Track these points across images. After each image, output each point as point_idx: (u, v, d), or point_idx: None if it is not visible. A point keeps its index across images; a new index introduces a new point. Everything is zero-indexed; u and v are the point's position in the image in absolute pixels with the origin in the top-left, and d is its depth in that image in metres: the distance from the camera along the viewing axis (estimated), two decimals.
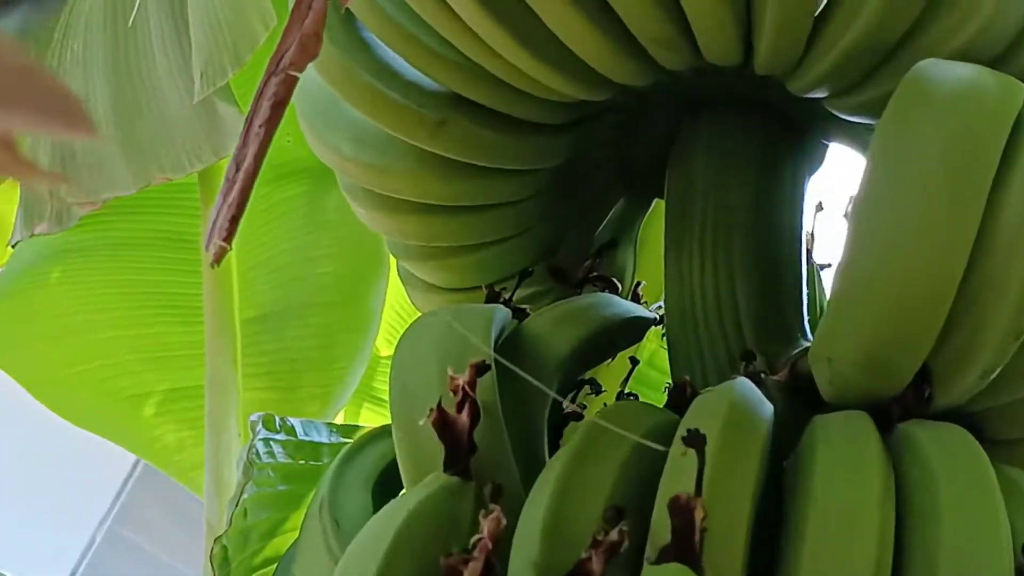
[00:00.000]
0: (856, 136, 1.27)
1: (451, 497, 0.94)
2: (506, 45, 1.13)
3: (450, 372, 1.00)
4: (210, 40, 2.46)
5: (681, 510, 0.80)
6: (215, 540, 1.37)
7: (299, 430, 1.41)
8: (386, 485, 1.20)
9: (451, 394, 0.99)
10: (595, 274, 1.37)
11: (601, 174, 1.40)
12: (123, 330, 3.22)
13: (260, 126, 0.90)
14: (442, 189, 1.30)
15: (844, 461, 0.91)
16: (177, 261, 3.19)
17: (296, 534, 1.37)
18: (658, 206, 1.46)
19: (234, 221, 0.89)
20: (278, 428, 1.38)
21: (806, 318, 1.23)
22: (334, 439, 1.44)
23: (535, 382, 1.01)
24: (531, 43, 1.12)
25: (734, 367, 1.17)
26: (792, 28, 1.06)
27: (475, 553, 0.84)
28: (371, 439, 1.24)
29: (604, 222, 1.46)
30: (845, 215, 1.02)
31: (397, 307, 3.39)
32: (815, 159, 1.33)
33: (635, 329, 1.30)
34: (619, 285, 1.38)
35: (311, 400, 3.18)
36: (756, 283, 1.22)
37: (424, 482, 0.96)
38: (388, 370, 1.13)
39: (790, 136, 1.29)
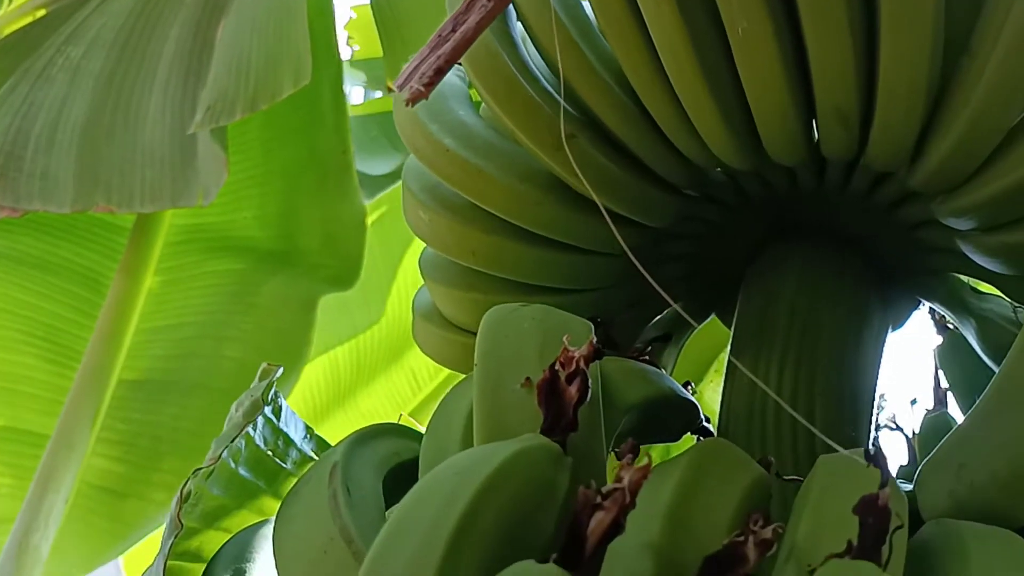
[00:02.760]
0: (954, 296, 1.26)
1: (551, 460, 0.81)
2: (687, 75, 1.09)
3: (565, 342, 0.89)
4: (231, 79, 2.38)
5: (875, 509, 0.69)
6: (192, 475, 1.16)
7: (284, 413, 1.23)
8: (395, 482, 1.05)
9: (560, 365, 0.88)
10: (647, 358, 1.29)
11: (672, 268, 1.35)
12: None
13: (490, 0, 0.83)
14: (534, 212, 1.23)
15: None
16: (78, 298, 2.94)
17: (225, 536, 1.17)
18: None
19: (439, 72, 0.81)
20: (270, 400, 1.20)
21: None
22: (305, 448, 1.26)
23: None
24: (712, 79, 1.09)
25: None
26: (976, 143, 1.06)
27: (606, 503, 0.70)
28: (383, 432, 1.12)
29: (654, 319, 1.39)
30: None
31: None
32: (902, 316, 1.31)
33: (689, 415, 1.21)
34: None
35: (160, 488, 2.88)
36: (834, 404, 1.16)
37: (521, 437, 0.83)
38: None
39: (884, 285, 1.27)
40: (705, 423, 1.27)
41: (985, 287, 1.29)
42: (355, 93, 4.56)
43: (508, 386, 0.89)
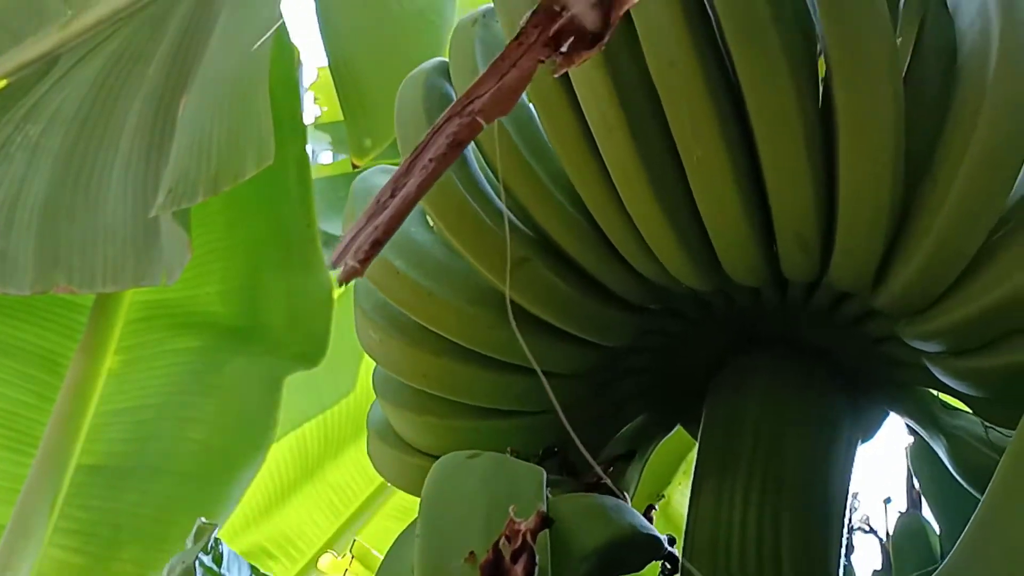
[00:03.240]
0: (923, 411, 1.22)
1: None
2: (640, 199, 1.05)
3: (511, 513, 0.84)
4: (193, 160, 2.34)
5: None
6: None
7: (225, 558, 1.17)
8: None
9: (505, 540, 0.83)
10: (605, 482, 1.24)
11: (633, 383, 1.30)
12: None
13: (431, 160, 0.79)
14: (487, 336, 1.18)
15: None
16: (36, 381, 2.86)
17: None
18: None
19: (376, 245, 0.76)
20: (209, 549, 1.14)
21: None
22: None
23: None
24: (667, 203, 1.05)
25: None
26: (940, 268, 1.02)
27: None
28: None
29: (617, 434, 1.34)
30: None
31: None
32: (871, 426, 1.27)
33: (652, 550, 1.16)
34: (628, 498, 1.25)
35: None
36: (802, 538, 1.12)
37: None
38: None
39: (852, 398, 1.23)
40: (670, 547, 1.22)
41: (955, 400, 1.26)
42: (323, 154, 4.52)
43: (451, 562, 0.84)
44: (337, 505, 3.49)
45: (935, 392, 1.24)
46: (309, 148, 4.44)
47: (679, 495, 1.76)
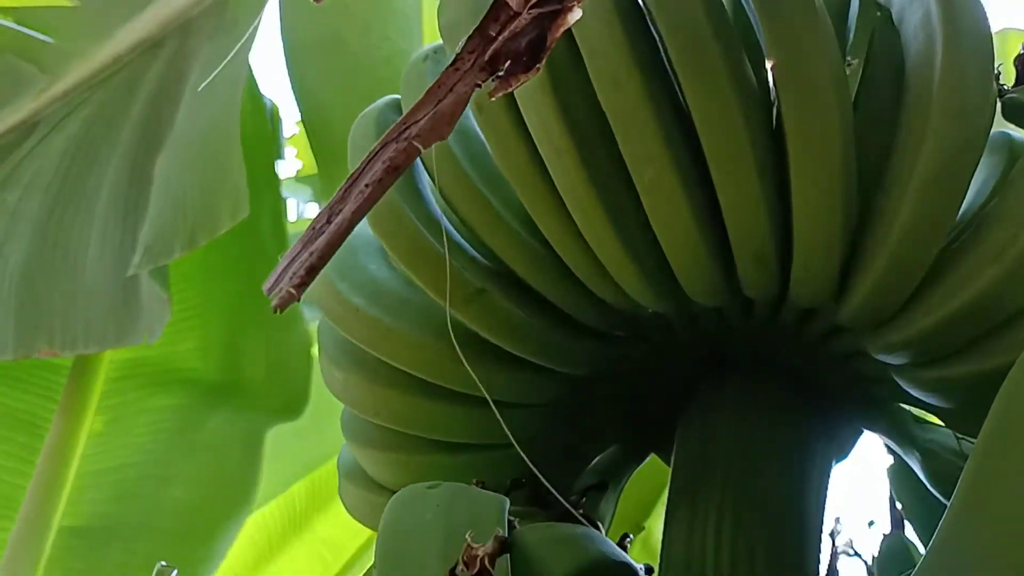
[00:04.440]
0: (897, 427, 1.21)
1: None
2: (594, 223, 1.04)
3: (468, 539, 0.82)
4: (168, 217, 2.34)
5: None
6: None
7: None
8: None
9: (463, 567, 0.81)
10: (580, 511, 1.22)
11: (603, 411, 1.29)
12: None
13: (367, 185, 0.79)
14: (448, 370, 1.17)
15: None
16: (16, 444, 2.83)
17: None
18: None
19: (311, 271, 0.75)
20: None
21: None
22: None
23: None
24: (621, 226, 1.04)
25: None
26: (898, 279, 1.02)
27: None
28: None
29: (589, 465, 1.33)
30: None
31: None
32: (845, 446, 1.25)
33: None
34: (603, 529, 1.23)
35: None
36: (776, 561, 1.10)
37: None
38: None
39: (825, 417, 1.22)
40: None
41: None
42: (307, 208, 4.53)
43: None
44: (328, 559, 3.44)
45: (908, 408, 1.23)
46: (292, 201, 4.44)
47: (660, 525, 1.73)
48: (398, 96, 1.27)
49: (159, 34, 2.55)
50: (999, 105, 1.10)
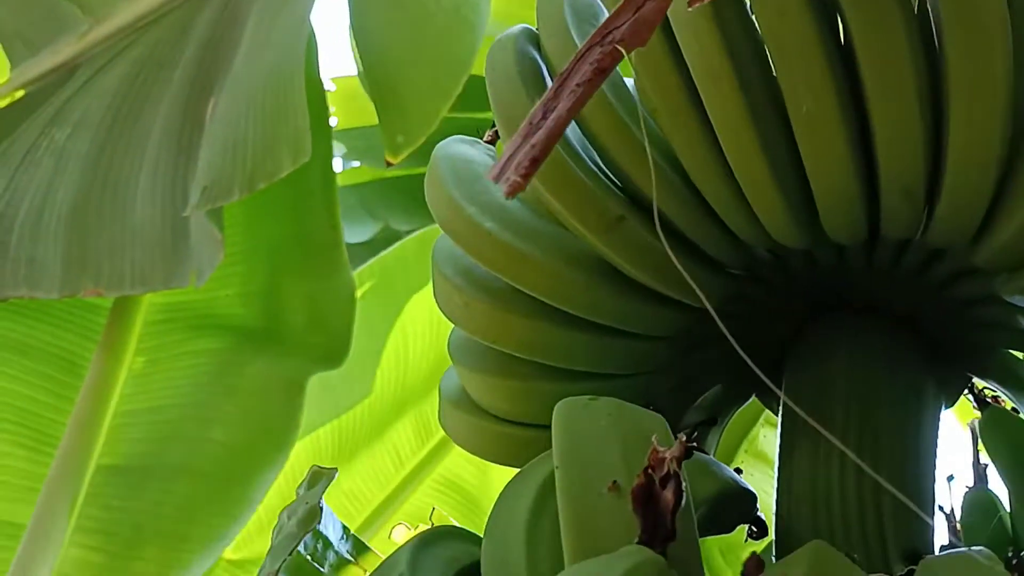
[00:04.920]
0: (1010, 373, 1.23)
1: (658, 573, 0.75)
2: (746, 151, 1.06)
3: (654, 441, 0.84)
4: (227, 159, 2.33)
5: None
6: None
7: (323, 514, 1.16)
8: None
9: (650, 471, 0.83)
10: (694, 444, 1.24)
11: (713, 351, 1.31)
12: None
13: (578, 84, 0.80)
14: (580, 296, 1.18)
15: None
16: (55, 381, 2.83)
17: None
18: None
19: (535, 163, 0.77)
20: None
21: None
22: (342, 550, 1.19)
23: None
24: (772, 156, 1.06)
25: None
26: None
27: None
28: (444, 535, 1.06)
29: (694, 403, 1.35)
30: None
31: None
32: (954, 394, 1.27)
33: (747, 506, 1.16)
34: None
35: None
36: (900, 503, 1.12)
37: (623, 551, 0.77)
38: None
39: (937, 363, 1.24)
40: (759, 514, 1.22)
41: None
42: (334, 163, 4.53)
43: (595, 490, 0.84)
44: (351, 511, 3.46)
45: (1020, 354, 1.25)
46: None
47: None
48: (527, 26, 1.27)
49: None
50: None
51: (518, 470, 1.05)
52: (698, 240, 1.17)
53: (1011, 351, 1.26)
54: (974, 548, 0.94)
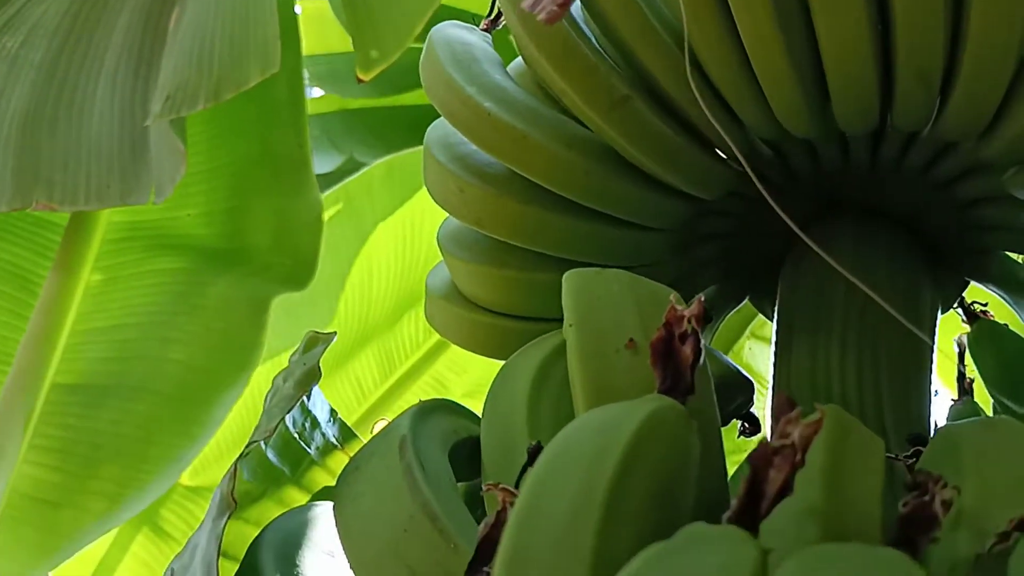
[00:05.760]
0: (1008, 276, 1.23)
1: (683, 420, 0.74)
2: (763, 30, 1.03)
3: (672, 300, 0.82)
4: (193, 66, 2.25)
5: None
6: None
7: (312, 393, 1.13)
8: (456, 461, 0.96)
9: (669, 326, 0.81)
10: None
11: (710, 248, 1.29)
12: None
13: None
14: (581, 182, 1.16)
15: None
16: (7, 297, 2.75)
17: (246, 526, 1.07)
18: None
19: None
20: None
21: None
22: (329, 432, 1.16)
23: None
24: (788, 37, 1.03)
25: None
26: None
27: (776, 460, 0.64)
28: (439, 408, 1.02)
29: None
30: None
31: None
32: (951, 298, 1.27)
33: (745, 395, 1.16)
34: None
35: (97, 497, 2.70)
36: (900, 387, 1.12)
37: (644, 398, 0.75)
38: (181, 504, 0.93)
39: (935, 265, 1.23)
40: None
41: None
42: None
43: (612, 347, 0.82)
44: None
45: (1018, 257, 1.25)
46: None
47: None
48: None
49: None
50: None
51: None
52: (703, 126, 1.15)
53: (1010, 254, 1.25)
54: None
